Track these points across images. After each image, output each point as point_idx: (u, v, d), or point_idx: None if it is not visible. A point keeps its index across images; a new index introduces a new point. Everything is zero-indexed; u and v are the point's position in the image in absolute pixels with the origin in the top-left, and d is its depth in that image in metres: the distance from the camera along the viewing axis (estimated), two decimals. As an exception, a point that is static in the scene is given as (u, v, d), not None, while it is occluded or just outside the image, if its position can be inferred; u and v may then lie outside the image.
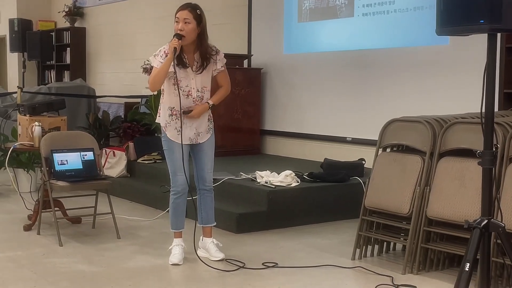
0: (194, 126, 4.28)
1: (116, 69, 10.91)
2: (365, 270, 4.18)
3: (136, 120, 8.03)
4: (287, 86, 7.76)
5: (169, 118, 4.25)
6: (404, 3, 6.45)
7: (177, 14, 4.15)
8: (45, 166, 4.98)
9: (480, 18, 2.62)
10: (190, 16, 4.11)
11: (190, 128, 4.26)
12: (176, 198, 4.33)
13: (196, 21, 4.13)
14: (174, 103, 4.21)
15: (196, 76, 4.22)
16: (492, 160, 2.76)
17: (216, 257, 4.35)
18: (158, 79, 4.15)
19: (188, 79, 4.20)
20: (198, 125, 4.29)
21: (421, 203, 4.08)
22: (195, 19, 4.13)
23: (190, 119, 4.23)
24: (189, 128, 4.26)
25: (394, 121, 4.38)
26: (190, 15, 4.12)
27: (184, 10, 4.14)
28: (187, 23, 4.11)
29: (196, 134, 4.30)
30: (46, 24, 12.30)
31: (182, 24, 4.11)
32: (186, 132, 4.24)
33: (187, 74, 4.20)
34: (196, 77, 4.23)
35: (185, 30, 4.10)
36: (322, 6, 7.30)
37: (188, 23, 4.11)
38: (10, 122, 7.45)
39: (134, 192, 6.62)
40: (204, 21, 4.18)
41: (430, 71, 6.23)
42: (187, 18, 4.11)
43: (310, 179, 5.76)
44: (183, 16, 4.11)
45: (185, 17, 4.11)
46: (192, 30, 4.12)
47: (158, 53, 4.21)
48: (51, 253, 4.57)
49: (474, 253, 2.70)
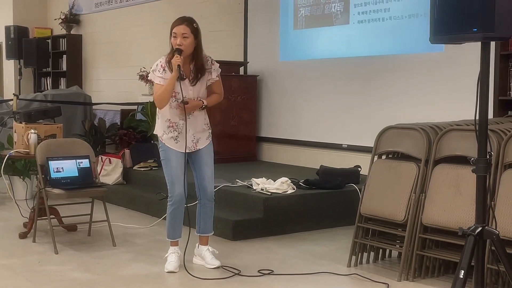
0: (192, 133, 4.28)
1: (112, 76, 10.91)
2: (361, 277, 4.18)
3: (132, 127, 8.03)
4: (283, 93, 7.77)
5: (167, 130, 4.26)
6: (399, 10, 6.48)
7: (174, 29, 4.16)
8: (40, 173, 4.97)
9: (473, 26, 2.64)
10: (187, 30, 4.13)
11: (187, 136, 4.26)
12: (174, 209, 4.32)
13: (194, 35, 4.16)
14: (171, 116, 4.24)
15: (194, 87, 4.26)
16: (486, 168, 2.77)
17: (212, 265, 4.35)
18: (165, 96, 4.16)
19: (185, 91, 4.21)
20: (195, 132, 4.30)
21: (416, 210, 4.08)
22: (193, 33, 4.15)
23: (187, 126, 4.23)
24: (187, 136, 4.25)
25: (390, 128, 4.40)
26: (188, 30, 4.13)
27: (181, 25, 4.15)
28: (185, 38, 4.12)
29: (194, 142, 4.31)
30: (42, 31, 12.30)
31: (180, 39, 4.12)
32: (184, 141, 4.24)
33: (185, 86, 4.21)
34: (194, 88, 4.26)
35: (184, 45, 4.12)
36: (318, 13, 7.32)
37: (186, 37, 4.13)
38: (6, 129, 7.46)
39: (130, 200, 6.61)
40: (200, 34, 4.22)
41: (425, 78, 6.25)
42: (185, 33, 4.12)
43: (306, 186, 5.76)
44: (181, 31, 4.13)
45: (183, 32, 4.12)
46: (190, 44, 4.15)
47: (155, 68, 4.22)
48: (46, 261, 4.56)
49: (468, 260, 2.71)
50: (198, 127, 4.32)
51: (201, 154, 4.35)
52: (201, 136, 4.33)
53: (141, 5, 10.16)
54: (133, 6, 10.34)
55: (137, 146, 7.50)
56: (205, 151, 4.36)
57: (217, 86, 4.38)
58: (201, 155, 4.35)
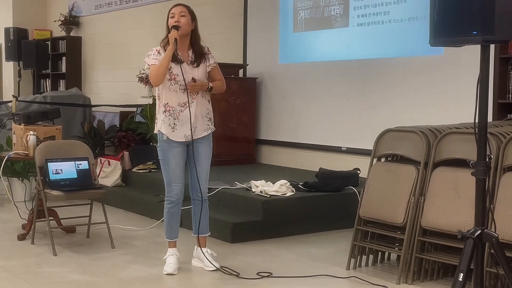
0: (191, 121, 4.26)
1: (112, 78, 10.91)
2: (359, 280, 4.18)
3: (131, 129, 8.03)
4: (283, 96, 7.77)
5: (163, 115, 4.25)
6: (399, 13, 6.48)
7: (172, 11, 4.31)
8: (39, 175, 4.97)
9: (473, 29, 2.64)
10: (185, 10, 4.30)
11: (186, 124, 4.25)
12: (171, 208, 4.33)
13: (191, 15, 4.30)
14: (168, 99, 4.24)
15: (193, 70, 4.29)
16: (485, 171, 2.77)
17: (210, 267, 4.34)
18: (161, 71, 4.18)
19: (185, 73, 4.24)
20: (195, 120, 4.28)
21: (415, 213, 4.08)
22: (190, 13, 4.30)
23: (185, 116, 4.23)
24: (186, 124, 4.25)
25: (389, 131, 4.40)
26: (185, 9, 4.31)
27: (179, 6, 4.33)
28: (183, 16, 4.26)
29: (192, 131, 4.27)
30: (42, 33, 12.29)
31: (178, 17, 4.25)
32: (182, 129, 4.25)
33: (183, 69, 4.24)
34: (193, 71, 4.29)
35: (181, 22, 4.24)
36: (318, 16, 7.33)
37: (183, 16, 4.27)
38: (5, 131, 7.44)
39: (129, 202, 6.60)
40: (196, 19, 4.35)
41: (425, 81, 6.26)
42: (183, 11, 4.28)
43: (305, 189, 5.76)
44: (178, 10, 4.28)
45: (181, 11, 4.28)
46: (188, 23, 4.27)
47: (150, 53, 4.31)
48: (45, 263, 4.56)
49: (467, 264, 2.71)
50: (198, 115, 4.30)
51: (199, 151, 4.33)
52: (199, 124, 4.30)
53: (140, 8, 10.17)
54: (133, 8, 10.34)
55: (136, 148, 7.50)
56: (204, 148, 4.35)
57: (217, 72, 4.44)
58: (199, 152, 4.33)
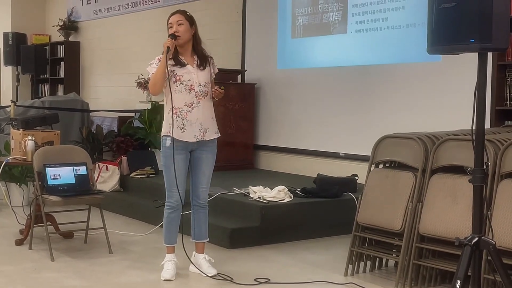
0: (199, 122, 4.27)
1: (110, 83, 10.92)
2: (357, 286, 4.18)
3: (130, 134, 8.02)
4: (281, 101, 7.78)
5: (171, 119, 4.23)
6: (397, 20, 6.50)
7: (170, 20, 4.32)
8: (37, 180, 4.96)
9: (470, 37, 2.65)
10: (182, 17, 4.31)
11: (195, 125, 4.26)
12: (170, 213, 4.33)
13: (188, 22, 4.30)
14: (175, 101, 4.24)
15: (198, 72, 4.31)
16: (482, 178, 2.78)
17: (208, 273, 4.34)
18: (158, 79, 4.20)
19: (190, 74, 4.27)
20: (203, 121, 4.30)
21: (413, 220, 4.09)
22: (187, 20, 4.30)
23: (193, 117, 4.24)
24: (194, 124, 4.26)
25: (387, 138, 4.40)
26: (182, 17, 4.31)
27: (175, 14, 4.34)
28: (181, 24, 4.28)
29: (202, 132, 4.29)
30: (41, 38, 12.30)
31: (176, 26, 4.26)
32: (191, 129, 4.26)
33: (188, 71, 4.27)
34: (198, 73, 4.31)
35: (179, 31, 4.25)
36: (316, 22, 7.34)
37: (181, 24, 4.28)
38: (3, 136, 7.45)
39: (127, 207, 6.60)
40: (195, 24, 4.36)
41: (423, 88, 6.27)
42: (180, 19, 4.29)
43: (303, 195, 5.76)
44: (176, 19, 4.29)
45: (178, 19, 4.29)
46: (186, 30, 4.28)
47: (153, 62, 4.33)
48: (42, 268, 4.55)
49: (465, 270, 2.71)
50: (206, 117, 4.32)
51: (203, 157, 4.35)
52: (209, 126, 4.33)
53: (139, 13, 10.18)
54: (132, 14, 10.36)
55: (134, 153, 7.49)
56: (208, 155, 4.36)
57: (213, 81, 4.47)
58: (202, 158, 4.34)
